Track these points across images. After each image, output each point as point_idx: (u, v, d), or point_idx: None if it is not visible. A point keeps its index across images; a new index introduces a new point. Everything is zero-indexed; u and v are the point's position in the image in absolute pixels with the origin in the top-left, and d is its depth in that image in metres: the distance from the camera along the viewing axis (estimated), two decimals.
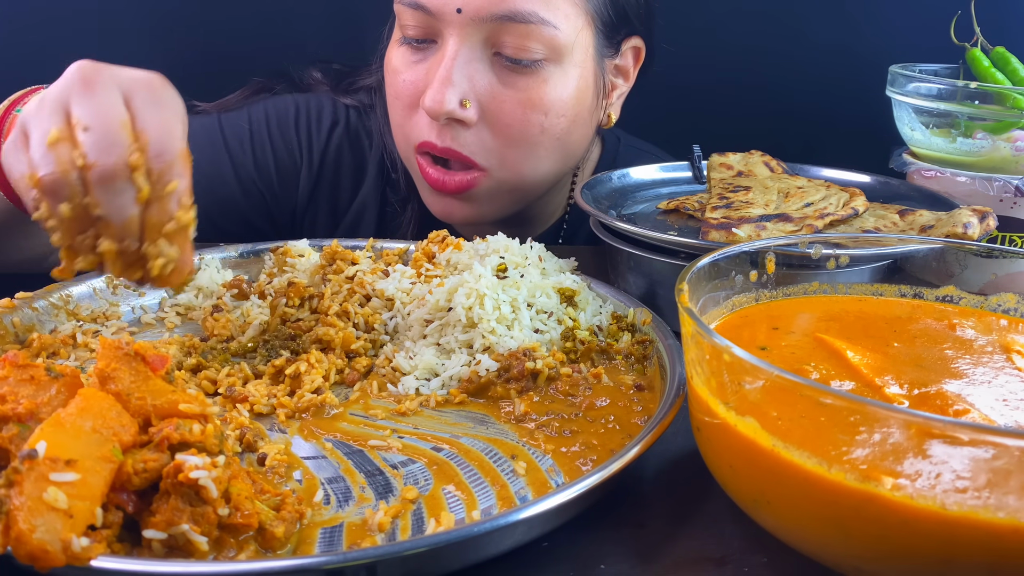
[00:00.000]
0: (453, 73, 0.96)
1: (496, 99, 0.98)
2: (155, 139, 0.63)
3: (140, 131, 0.63)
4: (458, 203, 1.05)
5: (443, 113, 0.96)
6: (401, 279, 0.83)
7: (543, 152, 1.03)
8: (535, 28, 0.95)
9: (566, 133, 1.04)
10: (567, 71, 1.00)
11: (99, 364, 0.51)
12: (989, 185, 1.01)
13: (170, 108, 0.66)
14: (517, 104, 0.99)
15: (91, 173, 0.61)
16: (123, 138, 0.62)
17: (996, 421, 0.50)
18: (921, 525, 0.42)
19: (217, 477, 0.48)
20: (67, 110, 0.64)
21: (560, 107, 1.01)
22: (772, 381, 0.47)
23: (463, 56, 0.96)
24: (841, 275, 0.70)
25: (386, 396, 0.71)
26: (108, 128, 0.62)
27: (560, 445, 0.63)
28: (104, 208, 0.62)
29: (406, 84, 1.01)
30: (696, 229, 0.94)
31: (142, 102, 0.64)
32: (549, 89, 0.99)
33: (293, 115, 1.20)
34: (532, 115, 0.99)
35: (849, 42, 1.46)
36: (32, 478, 0.42)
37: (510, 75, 0.98)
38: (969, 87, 1.03)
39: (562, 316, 0.79)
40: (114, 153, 0.61)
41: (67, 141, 0.62)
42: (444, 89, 0.96)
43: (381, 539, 0.53)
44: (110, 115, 0.63)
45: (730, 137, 1.23)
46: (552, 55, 0.98)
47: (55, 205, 0.62)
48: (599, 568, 0.53)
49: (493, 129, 1.00)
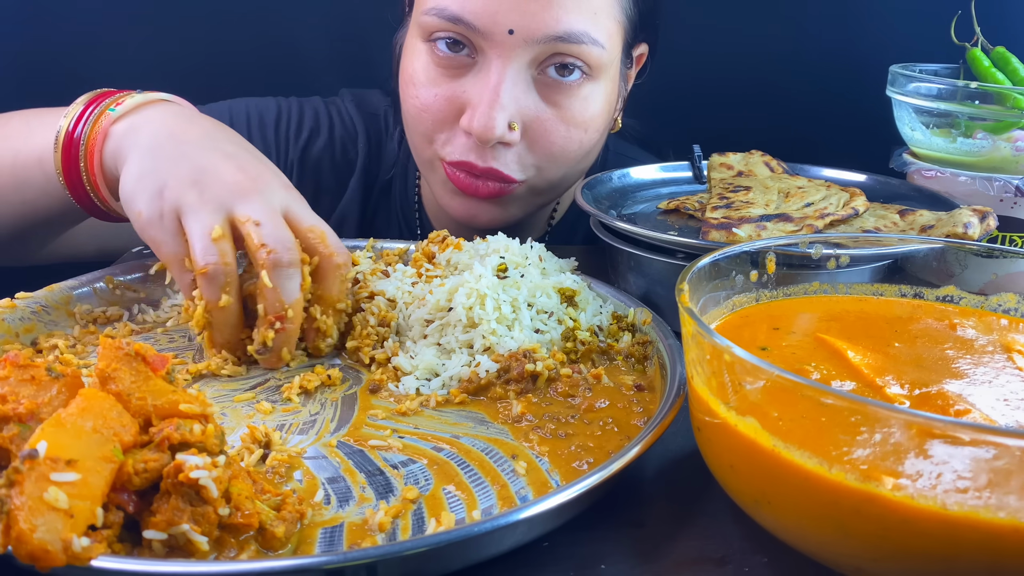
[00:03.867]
0: (502, 96, 0.93)
1: (539, 119, 0.97)
2: (330, 233, 0.76)
3: (310, 227, 0.75)
4: (486, 206, 1.03)
5: (494, 139, 0.94)
6: (402, 279, 0.83)
7: (573, 162, 1.03)
8: (584, 48, 0.94)
9: (595, 145, 1.05)
10: (601, 87, 1.00)
11: (99, 364, 0.51)
12: (989, 185, 1.01)
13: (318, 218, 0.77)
14: (559, 122, 0.98)
15: (270, 258, 0.70)
16: (292, 236, 0.72)
17: (997, 421, 0.50)
18: (922, 525, 0.42)
19: (217, 477, 0.48)
20: (229, 211, 0.72)
21: (597, 122, 1.02)
22: (773, 381, 0.47)
23: (510, 78, 0.94)
24: (841, 275, 0.70)
25: (386, 396, 0.71)
26: (279, 224, 0.72)
27: (556, 447, 0.63)
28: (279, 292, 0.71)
29: (438, 99, 0.97)
30: (696, 229, 0.94)
31: (300, 208, 0.76)
32: (587, 106, 0.99)
33: (273, 117, 1.19)
34: (574, 132, 0.99)
35: (849, 42, 1.46)
36: (33, 478, 0.42)
37: (552, 94, 0.97)
38: (969, 87, 1.03)
39: (562, 316, 0.79)
40: (290, 247, 0.71)
41: (229, 238, 0.71)
42: (494, 114, 0.93)
43: (381, 539, 0.53)
44: (278, 217, 0.73)
45: (730, 137, 1.23)
46: (592, 73, 0.98)
47: (212, 294, 0.71)
48: (599, 568, 0.53)
49: (534, 147, 0.99)
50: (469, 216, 1.04)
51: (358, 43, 1.44)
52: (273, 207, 0.73)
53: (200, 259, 0.70)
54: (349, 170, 1.22)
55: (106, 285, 0.86)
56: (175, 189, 0.72)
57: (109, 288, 0.86)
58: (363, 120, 1.23)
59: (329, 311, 0.76)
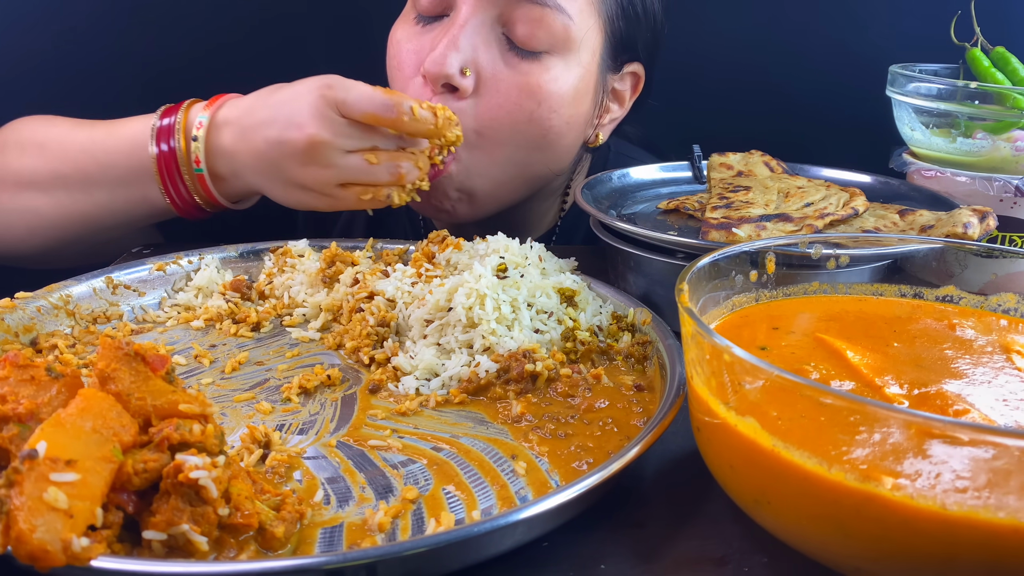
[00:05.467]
0: (460, 40, 0.95)
1: (495, 76, 0.97)
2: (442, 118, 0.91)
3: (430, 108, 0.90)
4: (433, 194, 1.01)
5: (443, 76, 0.95)
6: (401, 279, 0.83)
7: (522, 140, 1.00)
8: (549, 13, 0.95)
9: (553, 131, 1.01)
10: (570, 67, 1.00)
11: (99, 364, 0.51)
12: (989, 185, 1.01)
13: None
14: (514, 86, 0.97)
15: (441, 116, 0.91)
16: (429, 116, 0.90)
17: (996, 421, 0.50)
18: (921, 525, 0.42)
19: (217, 477, 0.48)
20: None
21: (555, 101, 0.99)
22: (772, 381, 0.47)
23: (472, 26, 0.96)
24: (841, 275, 0.70)
25: (386, 396, 0.72)
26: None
27: (555, 447, 0.63)
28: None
29: (409, 53, 1.01)
30: (696, 229, 0.94)
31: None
32: (549, 79, 0.98)
33: None
34: (526, 101, 0.98)
35: (849, 42, 1.46)
36: (32, 478, 0.42)
37: (513, 57, 0.97)
38: (969, 87, 1.03)
39: (562, 316, 0.79)
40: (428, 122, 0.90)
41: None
42: (448, 52, 0.94)
43: (381, 539, 0.53)
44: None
45: (730, 137, 1.23)
46: (559, 47, 0.97)
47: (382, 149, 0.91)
48: (599, 568, 0.53)
49: (483, 105, 0.98)
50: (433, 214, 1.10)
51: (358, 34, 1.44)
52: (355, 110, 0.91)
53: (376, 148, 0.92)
54: None
55: (106, 285, 0.86)
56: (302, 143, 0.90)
57: (109, 288, 0.86)
58: None
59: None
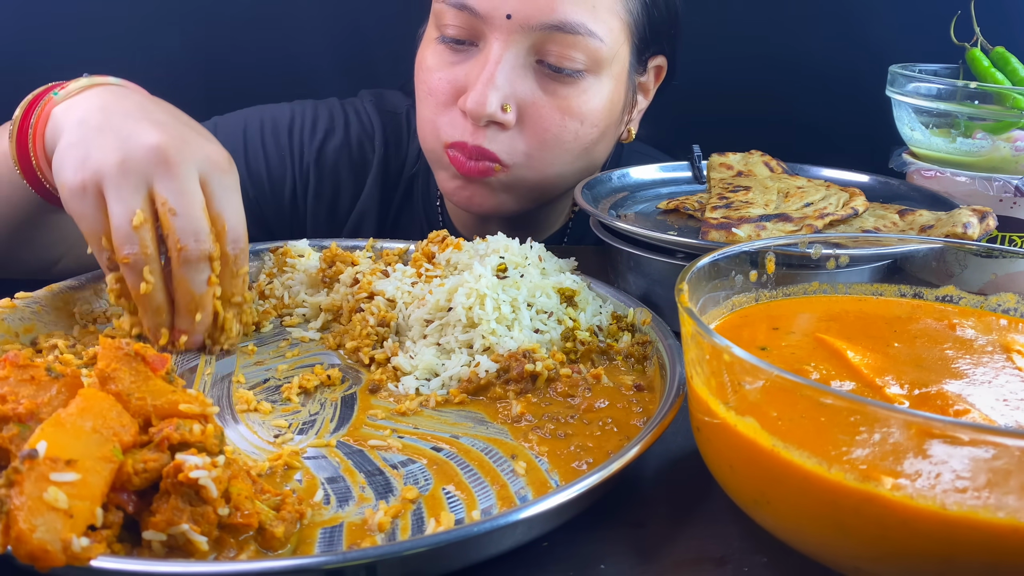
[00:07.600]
0: (497, 77, 0.97)
1: (535, 105, 1.00)
2: (232, 226, 0.74)
3: (217, 214, 0.73)
4: (479, 189, 1.05)
5: (485, 116, 0.97)
6: (401, 279, 0.83)
7: (569, 158, 1.05)
8: (581, 39, 0.97)
9: (594, 143, 1.06)
10: (604, 83, 1.02)
11: (99, 364, 0.51)
12: (989, 185, 1.01)
13: (238, 192, 0.75)
14: (555, 110, 1.00)
15: (180, 255, 0.71)
16: (206, 225, 0.72)
17: (996, 421, 0.50)
18: (921, 525, 0.42)
19: (217, 477, 0.48)
20: (150, 187, 0.71)
21: (594, 117, 1.03)
22: (772, 381, 0.47)
23: (507, 61, 0.97)
24: (841, 275, 0.70)
25: (386, 396, 0.72)
26: (193, 214, 0.71)
27: (555, 447, 0.63)
28: (188, 284, 0.72)
29: (442, 81, 1.02)
30: (696, 229, 0.94)
31: (217, 186, 0.73)
32: (587, 99, 1.01)
33: (287, 122, 1.20)
34: (568, 122, 1.01)
35: (849, 42, 1.46)
36: (32, 478, 0.42)
37: (551, 83, 1.00)
38: (969, 87, 1.03)
39: (562, 316, 0.79)
40: (201, 239, 0.71)
41: (150, 223, 0.70)
42: (487, 92, 0.96)
43: (381, 539, 0.53)
44: (194, 201, 0.71)
45: (730, 137, 1.23)
46: (592, 66, 1.00)
47: (133, 280, 0.72)
48: (599, 568, 0.53)
49: (527, 133, 1.01)
50: (466, 200, 1.07)
51: (360, 46, 1.44)
52: (192, 182, 0.71)
53: (121, 248, 0.70)
54: (367, 168, 1.23)
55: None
56: (97, 159, 0.70)
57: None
58: (381, 118, 1.24)
59: (227, 304, 0.76)
